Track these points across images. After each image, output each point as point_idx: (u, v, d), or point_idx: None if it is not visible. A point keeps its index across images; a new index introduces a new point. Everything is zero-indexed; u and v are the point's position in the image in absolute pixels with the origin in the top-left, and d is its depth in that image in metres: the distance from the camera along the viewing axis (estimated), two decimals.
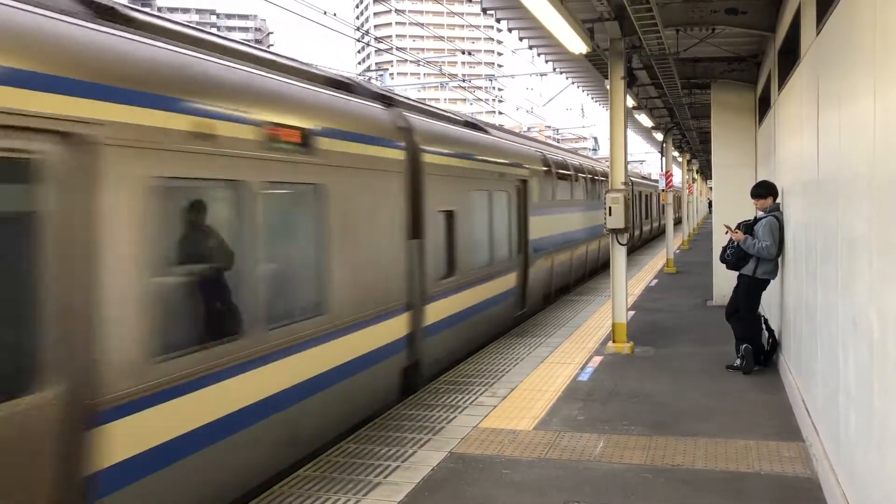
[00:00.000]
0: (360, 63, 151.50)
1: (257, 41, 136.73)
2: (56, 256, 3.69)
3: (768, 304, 9.52)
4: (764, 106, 11.39)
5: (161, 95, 4.39)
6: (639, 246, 28.43)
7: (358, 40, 33.16)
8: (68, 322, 3.74)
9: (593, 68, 13.44)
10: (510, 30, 11.25)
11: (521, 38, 11.80)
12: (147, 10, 5.35)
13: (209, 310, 5.02)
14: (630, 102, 13.71)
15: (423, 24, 35.45)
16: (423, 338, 8.04)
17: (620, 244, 9.88)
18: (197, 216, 4.99)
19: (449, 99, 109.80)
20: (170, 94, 4.47)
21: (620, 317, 9.86)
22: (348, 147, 6.54)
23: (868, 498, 3.75)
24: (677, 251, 25.01)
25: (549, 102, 33.05)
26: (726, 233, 8.62)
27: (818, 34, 5.47)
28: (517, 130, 20.17)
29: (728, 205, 13.23)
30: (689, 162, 34.14)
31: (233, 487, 5.05)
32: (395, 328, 7.38)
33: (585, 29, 9.00)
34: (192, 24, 5.73)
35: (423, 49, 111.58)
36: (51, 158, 3.69)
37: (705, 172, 42.96)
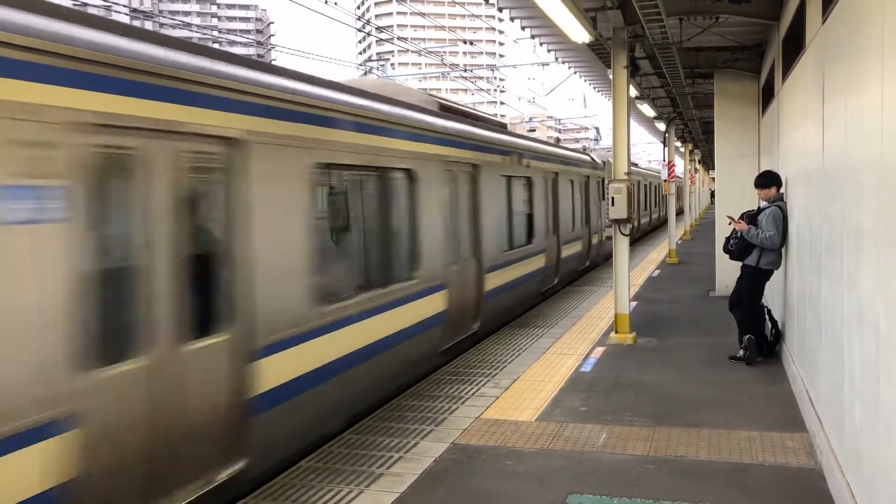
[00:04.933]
0: (360, 53, 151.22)
1: (258, 31, 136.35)
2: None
3: (772, 294, 9.49)
4: (767, 95, 11.33)
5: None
6: (640, 237, 28.32)
7: (359, 30, 33.03)
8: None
9: (596, 58, 13.38)
10: (512, 19, 11.18)
11: (523, 28, 11.73)
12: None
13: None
14: (633, 92, 13.63)
15: (424, 14, 35.28)
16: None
17: (623, 234, 9.84)
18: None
19: (450, 89, 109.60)
20: None
21: (623, 307, 9.83)
22: None
23: (874, 488, 3.74)
24: (679, 241, 24.98)
25: (551, 92, 32.96)
26: (729, 223, 8.58)
27: (824, 22, 5.42)
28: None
29: (731, 195, 13.18)
30: (691, 152, 34.08)
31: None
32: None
33: (588, 17, 8.94)
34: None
35: (424, 39, 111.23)
36: None
37: (707, 163, 42.87)
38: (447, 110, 9.85)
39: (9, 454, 3.43)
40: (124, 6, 20.73)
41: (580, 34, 9.02)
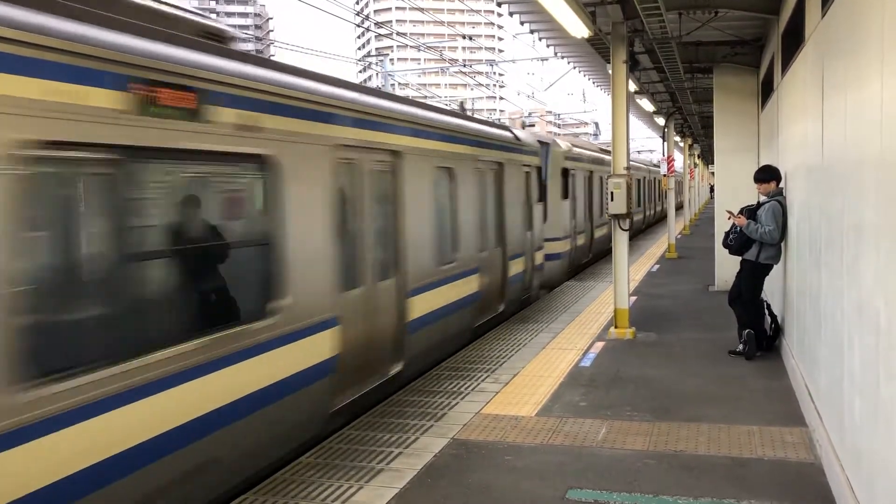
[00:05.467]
0: (360, 48, 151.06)
1: (257, 27, 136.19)
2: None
3: (771, 289, 9.49)
4: (767, 90, 11.31)
5: None
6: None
7: (358, 25, 32.98)
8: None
9: (595, 52, 13.35)
10: (511, 14, 11.16)
11: (522, 23, 11.71)
12: None
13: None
14: (632, 87, 13.61)
15: (423, 9, 35.31)
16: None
17: (622, 229, 9.84)
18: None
19: (449, 84, 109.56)
20: None
21: (622, 302, 9.84)
22: None
23: (873, 483, 3.74)
24: (679, 236, 24.98)
25: (550, 87, 33.00)
26: (729, 218, 8.58)
27: (823, 16, 5.40)
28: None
29: (730, 189, 13.17)
30: (690, 147, 34.06)
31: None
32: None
33: (587, 12, 8.92)
34: None
35: (423, 34, 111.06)
36: None
37: (707, 157, 42.85)
38: None
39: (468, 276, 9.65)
40: None
41: (579, 29, 9.01)
